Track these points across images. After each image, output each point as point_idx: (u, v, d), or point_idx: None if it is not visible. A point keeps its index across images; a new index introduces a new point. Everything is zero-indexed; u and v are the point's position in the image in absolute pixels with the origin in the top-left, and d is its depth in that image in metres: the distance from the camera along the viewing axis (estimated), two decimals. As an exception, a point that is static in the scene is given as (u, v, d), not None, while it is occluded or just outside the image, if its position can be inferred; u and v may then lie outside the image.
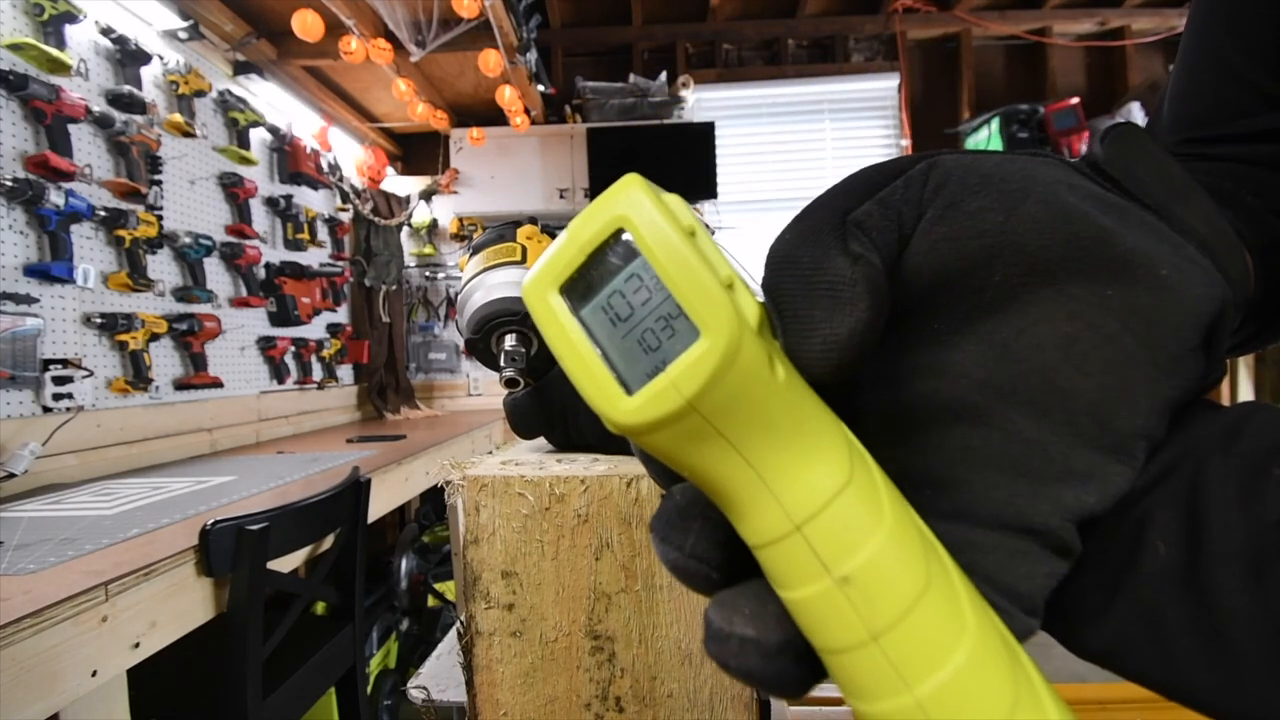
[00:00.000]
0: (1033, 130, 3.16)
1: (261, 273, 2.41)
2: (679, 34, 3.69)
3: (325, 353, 2.81)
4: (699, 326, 0.14)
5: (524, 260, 0.41)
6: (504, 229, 0.44)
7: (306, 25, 2.07)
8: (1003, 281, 0.17)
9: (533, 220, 0.45)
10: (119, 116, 1.75)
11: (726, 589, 0.17)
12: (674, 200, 0.16)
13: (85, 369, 1.60)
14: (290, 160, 2.56)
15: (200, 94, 2.09)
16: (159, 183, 1.90)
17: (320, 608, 1.68)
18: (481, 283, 0.40)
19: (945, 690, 0.14)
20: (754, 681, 0.17)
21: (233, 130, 2.27)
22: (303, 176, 2.60)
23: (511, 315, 0.39)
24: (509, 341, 0.38)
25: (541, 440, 0.45)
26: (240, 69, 2.34)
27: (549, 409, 0.40)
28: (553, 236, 0.45)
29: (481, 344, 0.39)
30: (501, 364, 0.38)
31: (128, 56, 1.81)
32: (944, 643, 0.14)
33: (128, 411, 1.78)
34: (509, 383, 0.38)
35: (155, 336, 1.86)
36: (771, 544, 0.15)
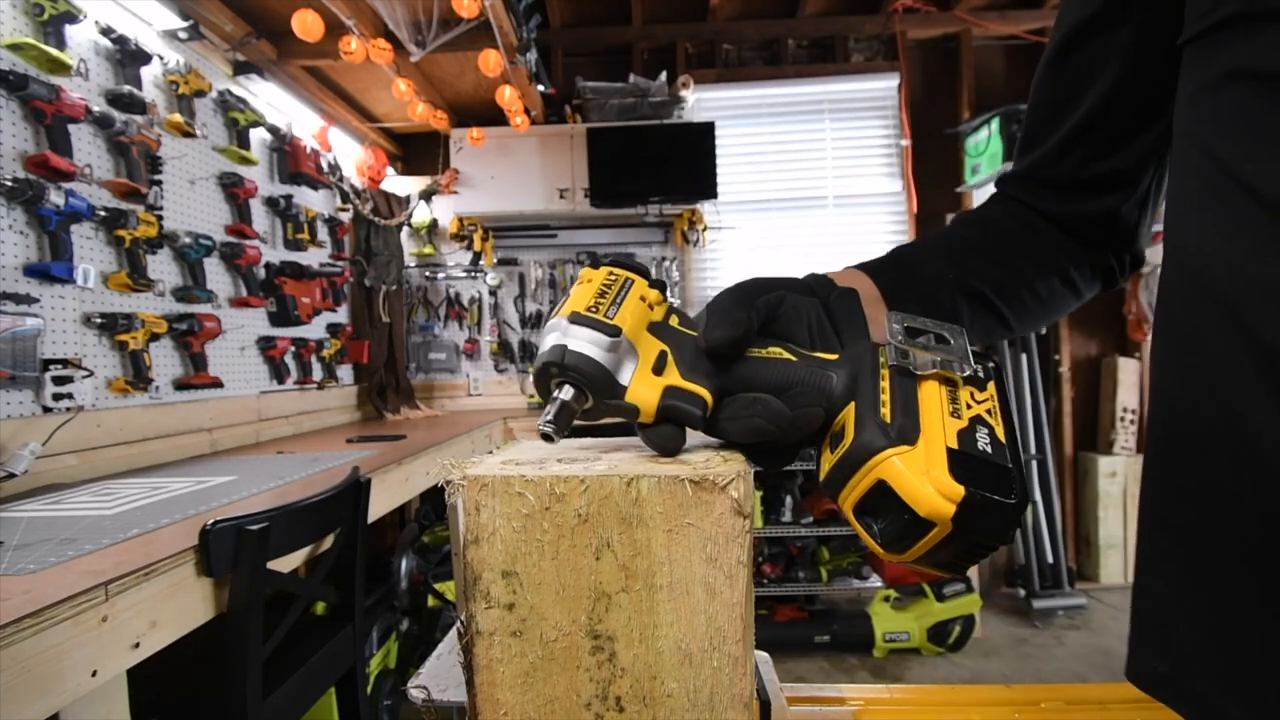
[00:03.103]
0: (1033, 130, 3.15)
1: (261, 273, 2.41)
2: (679, 34, 3.69)
3: (325, 353, 2.81)
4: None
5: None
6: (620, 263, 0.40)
7: (306, 25, 2.07)
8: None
9: (592, 260, 0.40)
10: (119, 116, 1.75)
11: None
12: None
13: (85, 369, 1.60)
14: (290, 160, 2.56)
15: (200, 94, 2.09)
16: (159, 183, 1.90)
17: (320, 608, 1.68)
18: (557, 325, 0.37)
19: None
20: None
21: (233, 130, 2.27)
22: (303, 176, 2.60)
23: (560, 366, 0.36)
24: (562, 392, 0.36)
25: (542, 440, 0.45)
26: (240, 69, 2.34)
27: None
28: (625, 266, 0.40)
29: (542, 382, 0.37)
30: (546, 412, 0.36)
31: (128, 56, 1.81)
32: None
33: (128, 411, 1.78)
34: (543, 435, 0.36)
35: (155, 336, 1.86)
36: None
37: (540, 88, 3.09)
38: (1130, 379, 3.52)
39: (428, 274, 3.60)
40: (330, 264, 2.86)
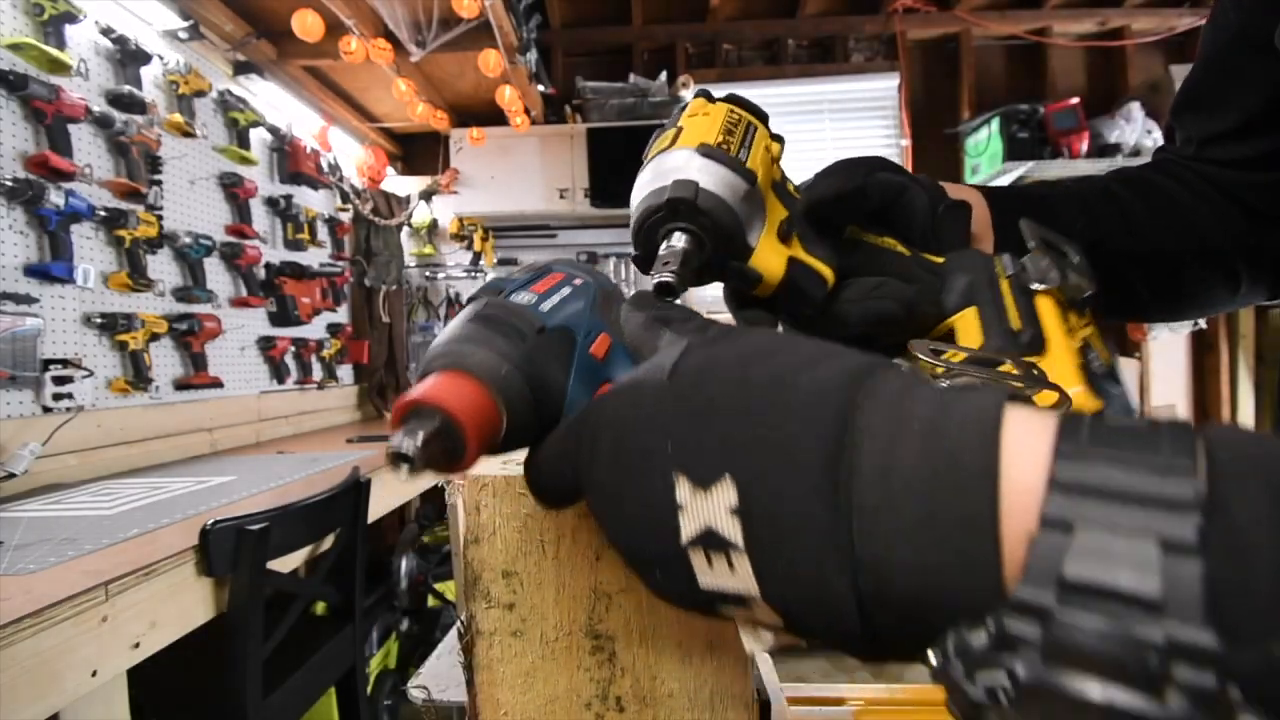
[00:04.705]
0: (1033, 130, 3.15)
1: (261, 273, 2.41)
2: (679, 34, 3.69)
3: (325, 353, 2.81)
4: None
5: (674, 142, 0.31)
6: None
7: (306, 25, 2.07)
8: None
9: (703, 93, 0.34)
10: (119, 116, 1.75)
11: None
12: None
13: (85, 369, 1.60)
14: (290, 160, 2.56)
15: (200, 94, 2.09)
16: (159, 183, 1.90)
17: (320, 608, 1.68)
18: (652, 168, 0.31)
19: None
20: None
21: (233, 130, 2.27)
22: (303, 176, 2.60)
23: (660, 209, 0.29)
24: (676, 240, 0.29)
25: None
26: (240, 69, 2.34)
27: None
28: (745, 107, 0.33)
29: (650, 223, 0.30)
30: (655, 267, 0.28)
31: (128, 56, 1.81)
32: None
33: (128, 411, 1.78)
34: (661, 287, 0.27)
35: (155, 336, 1.86)
36: None
37: (540, 88, 3.09)
38: (1129, 378, 3.51)
39: (428, 274, 3.59)
40: (330, 264, 2.86)
